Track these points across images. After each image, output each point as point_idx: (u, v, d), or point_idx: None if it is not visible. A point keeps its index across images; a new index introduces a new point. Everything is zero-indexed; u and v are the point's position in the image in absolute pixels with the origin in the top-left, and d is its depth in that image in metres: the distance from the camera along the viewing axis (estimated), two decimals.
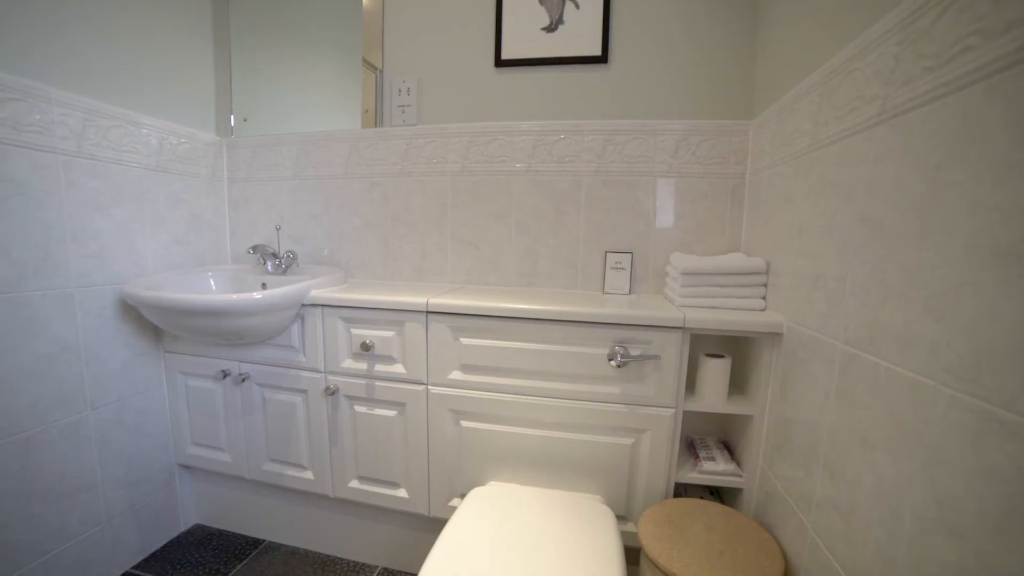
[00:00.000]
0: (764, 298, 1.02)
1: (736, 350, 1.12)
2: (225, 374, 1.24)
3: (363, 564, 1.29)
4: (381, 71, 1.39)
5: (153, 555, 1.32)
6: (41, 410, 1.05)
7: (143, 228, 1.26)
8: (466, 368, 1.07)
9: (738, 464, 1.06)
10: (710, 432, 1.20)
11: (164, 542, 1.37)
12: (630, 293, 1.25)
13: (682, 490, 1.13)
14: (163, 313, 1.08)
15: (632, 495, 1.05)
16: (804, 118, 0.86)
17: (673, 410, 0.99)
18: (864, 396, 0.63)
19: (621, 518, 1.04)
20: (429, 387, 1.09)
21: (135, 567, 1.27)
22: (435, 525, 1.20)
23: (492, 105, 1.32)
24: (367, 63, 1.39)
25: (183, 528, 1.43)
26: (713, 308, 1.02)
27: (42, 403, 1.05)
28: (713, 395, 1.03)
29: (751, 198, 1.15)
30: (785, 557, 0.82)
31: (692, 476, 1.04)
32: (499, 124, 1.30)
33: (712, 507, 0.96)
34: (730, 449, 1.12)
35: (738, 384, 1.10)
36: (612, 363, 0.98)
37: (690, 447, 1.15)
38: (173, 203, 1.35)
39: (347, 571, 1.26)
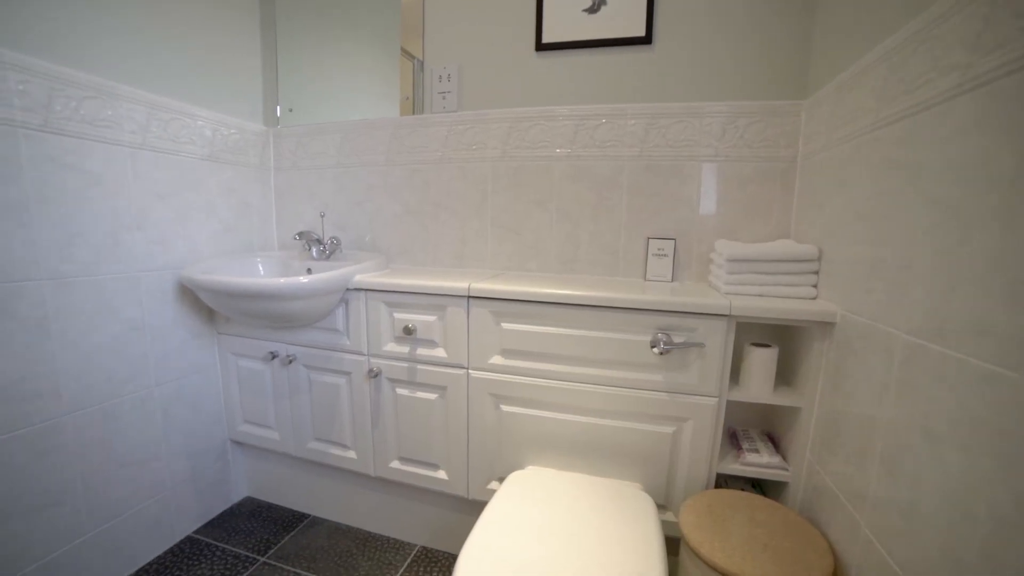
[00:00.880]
0: (815, 286, 0.98)
1: (783, 340, 1.08)
2: (273, 355, 1.30)
3: (403, 542, 1.34)
4: (418, 60, 1.40)
5: (210, 522, 1.41)
6: (116, 384, 1.14)
7: (198, 216, 1.33)
8: (507, 353, 1.08)
9: (783, 457, 1.03)
10: (753, 423, 1.17)
11: (220, 511, 1.46)
12: (672, 280, 1.23)
13: (723, 481, 1.11)
14: (217, 296, 1.14)
15: (672, 484, 1.04)
16: (867, 94, 0.81)
17: (716, 399, 0.97)
18: (929, 389, 0.60)
19: (660, 507, 1.04)
20: (470, 371, 1.11)
21: (196, 531, 1.37)
22: (473, 507, 1.23)
23: (533, 90, 1.30)
24: (405, 52, 1.41)
25: (236, 500, 1.51)
26: (760, 296, 0.99)
27: (116, 378, 1.14)
28: (759, 385, 1.01)
29: (803, 182, 1.10)
30: (835, 554, 0.80)
31: (734, 467, 1.02)
32: (540, 109, 1.29)
33: (756, 500, 0.94)
34: (774, 441, 1.09)
35: (785, 375, 1.07)
36: (654, 350, 0.97)
37: (732, 438, 1.12)
38: (225, 192, 1.41)
39: (387, 548, 1.31)
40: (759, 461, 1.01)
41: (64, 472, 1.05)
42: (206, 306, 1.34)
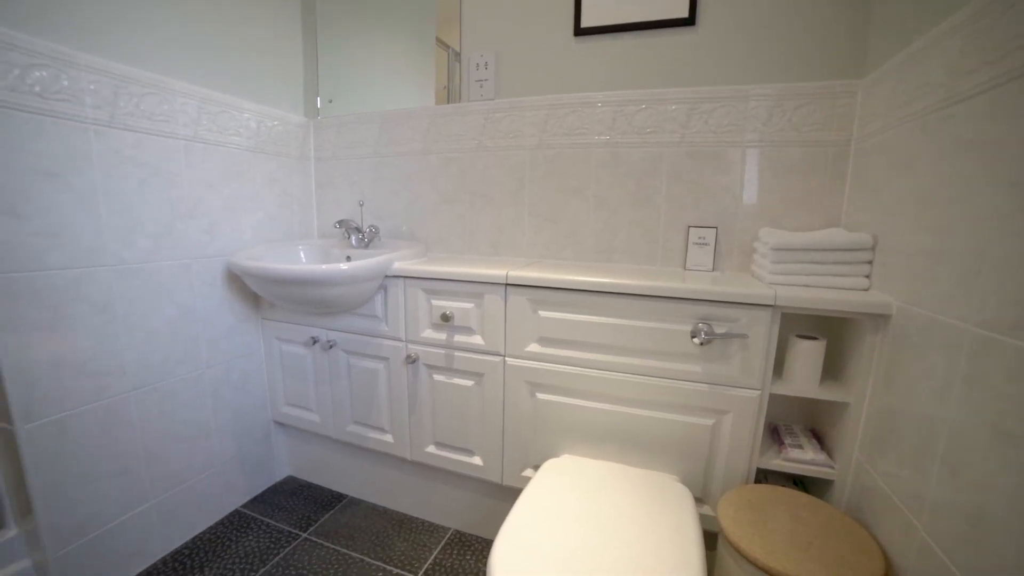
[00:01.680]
0: (868, 277, 0.93)
1: (831, 332, 1.04)
2: (314, 340, 1.34)
3: (437, 525, 1.37)
4: (453, 50, 1.40)
5: (256, 498, 1.48)
6: (171, 365, 1.20)
7: (244, 205, 1.38)
8: (544, 341, 1.08)
9: (828, 454, 0.99)
10: (796, 418, 1.13)
11: (264, 488, 1.53)
12: (713, 270, 1.19)
13: (762, 477, 1.08)
14: (262, 282, 1.18)
15: (710, 477, 1.02)
16: (937, 68, 0.75)
17: (758, 392, 0.94)
18: (1005, 386, 0.56)
19: (697, 500, 1.02)
20: (506, 359, 1.12)
21: (243, 506, 1.44)
22: (507, 493, 1.24)
23: (571, 76, 1.28)
24: (440, 42, 1.42)
25: (279, 478, 1.58)
26: (807, 287, 0.95)
27: (172, 359, 1.20)
28: (804, 379, 0.97)
29: (856, 166, 1.05)
30: (886, 557, 0.76)
31: (776, 463, 0.99)
32: (577, 96, 1.27)
33: (799, 497, 0.91)
34: (819, 438, 1.05)
35: (832, 369, 1.02)
36: (695, 340, 0.95)
37: (773, 433, 1.09)
38: (268, 182, 1.46)
39: (422, 530, 1.34)
40: (803, 457, 0.98)
41: (130, 444, 1.13)
42: (251, 292, 1.40)
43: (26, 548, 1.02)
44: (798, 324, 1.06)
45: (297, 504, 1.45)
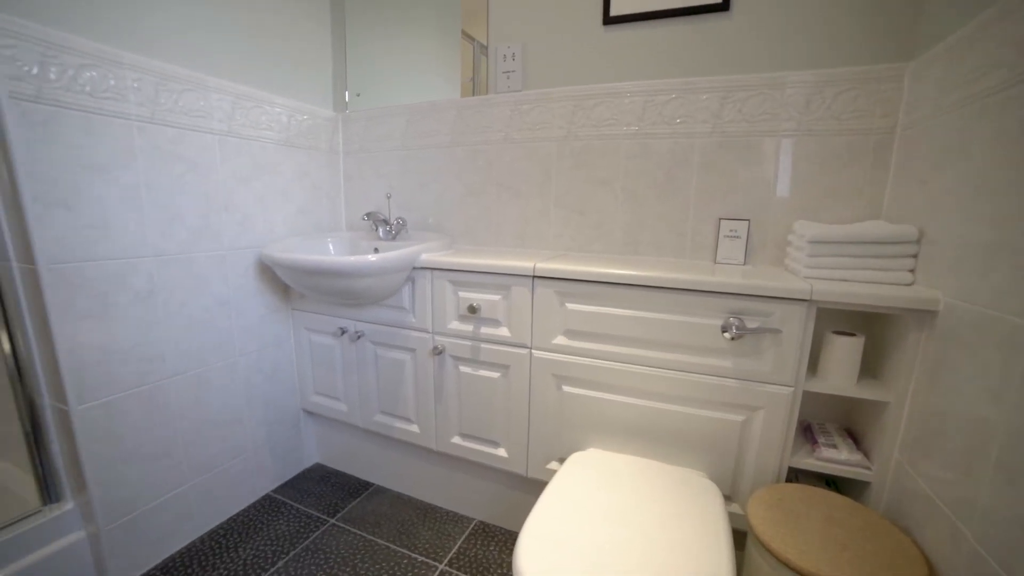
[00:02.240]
0: (912, 271, 0.89)
1: (870, 329, 1.00)
2: (343, 331, 1.37)
3: (461, 515, 1.38)
4: (478, 42, 1.40)
5: (285, 483, 1.53)
6: (207, 353, 1.25)
7: (276, 198, 1.41)
8: (571, 334, 1.08)
9: (865, 455, 0.96)
10: (830, 417, 1.10)
11: (293, 474, 1.57)
12: (745, 263, 1.16)
13: (793, 476, 1.05)
14: (293, 273, 1.21)
15: (739, 475, 1.00)
16: (1001, 46, 0.70)
17: (792, 389, 0.92)
18: None
19: (726, 498, 1.00)
20: (533, 351, 1.11)
21: (274, 491, 1.49)
22: (532, 486, 1.24)
23: (599, 66, 1.26)
24: (465, 35, 1.42)
25: (307, 465, 1.63)
26: (845, 281, 0.92)
27: (207, 347, 1.25)
28: (840, 376, 0.94)
29: (902, 155, 1.00)
30: (929, 563, 0.73)
31: (808, 462, 0.96)
32: (606, 86, 1.25)
33: (833, 497, 0.89)
34: (854, 437, 1.02)
35: (870, 366, 0.99)
36: (726, 335, 0.93)
37: (806, 431, 1.06)
38: (298, 175, 1.49)
39: (446, 520, 1.36)
40: (837, 457, 0.95)
41: (169, 428, 1.18)
42: (282, 284, 1.43)
43: (81, 521, 1.08)
44: (835, 320, 1.02)
45: (325, 490, 1.49)
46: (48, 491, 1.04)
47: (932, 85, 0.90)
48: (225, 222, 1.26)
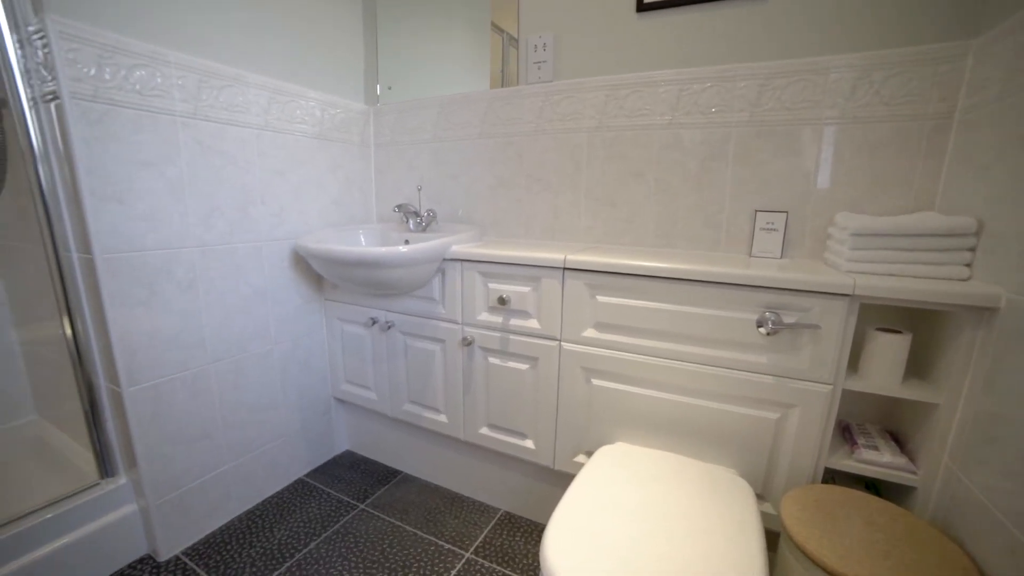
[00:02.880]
0: (968, 265, 0.84)
1: (917, 326, 0.95)
2: (374, 321, 1.40)
3: (488, 505, 1.40)
4: (508, 34, 1.39)
5: (317, 469, 1.58)
6: (245, 340, 1.30)
7: (310, 190, 1.45)
8: (601, 327, 1.07)
9: (910, 458, 0.91)
10: (871, 418, 1.06)
11: (324, 460, 1.62)
12: (781, 257, 1.12)
13: (829, 478, 1.02)
14: (326, 263, 1.24)
15: (772, 474, 0.97)
16: None
17: (830, 387, 0.89)
18: None
19: (758, 497, 0.98)
20: (562, 343, 1.11)
21: (306, 475, 1.54)
22: (558, 478, 1.25)
23: (632, 55, 1.24)
24: (495, 27, 1.41)
25: (338, 451, 1.67)
26: (891, 276, 0.87)
27: (246, 335, 1.30)
28: (884, 376, 0.90)
29: (960, 141, 0.94)
30: (982, 575, 0.70)
31: (846, 464, 0.93)
32: (639, 75, 1.22)
33: (874, 502, 0.85)
34: (897, 440, 0.98)
35: (917, 366, 0.94)
36: (761, 330, 0.90)
37: (844, 432, 1.02)
38: (332, 167, 1.52)
39: (473, 509, 1.38)
40: (879, 460, 0.91)
41: (210, 411, 1.23)
42: (315, 274, 1.47)
43: (133, 495, 1.16)
44: (879, 316, 0.98)
45: (355, 477, 1.53)
46: (105, 466, 1.12)
47: (999, 64, 0.83)
48: (262, 214, 1.30)
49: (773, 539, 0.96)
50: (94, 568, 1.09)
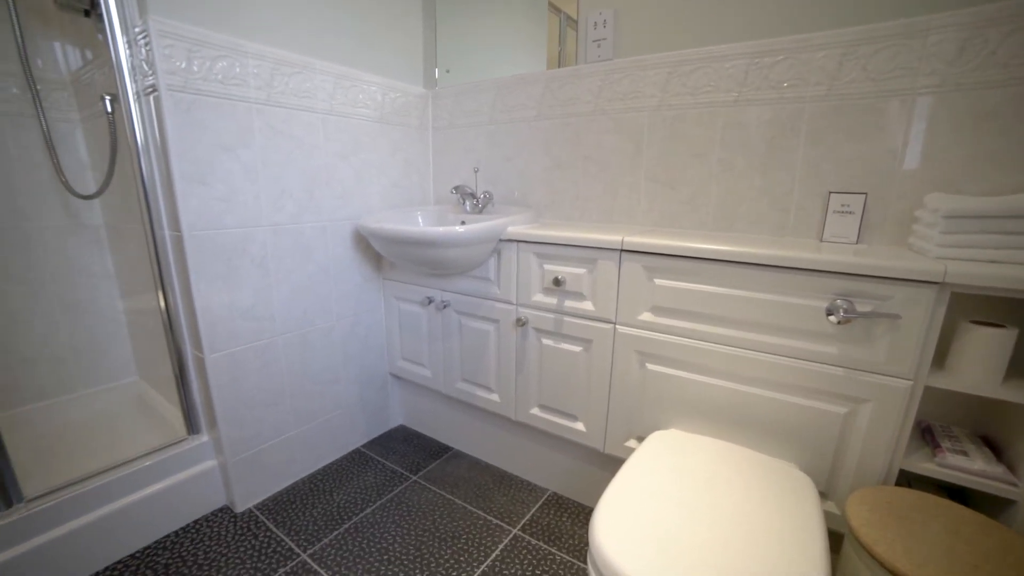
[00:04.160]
0: None
1: (1022, 320, 0.86)
2: (430, 300, 1.44)
3: (535, 485, 1.42)
4: (565, 14, 1.37)
5: (373, 440, 1.66)
6: (310, 316, 1.38)
7: (371, 173, 1.50)
8: (657, 310, 1.04)
9: (1009, 468, 0.83)
10: (959, 420, 0.97)
11: (379, 433, 1.70)
12: (857, 242, 1.04)
13: (905, 482, 0.95)
14: (387, 243, 1.28)
15: (836, 472, 0.92)
16: None
17: (910, 383, 0.82)
18: None
19: (820, 494, 0.93)
20: (617, 326, 1.10)
21: (363, 446, 1.63)
22: (608, 462, 1.24)
23: (697, 28, 1.17)
24: (551, 7, 1.39)
25: (392, 425, 1.75)
26: (993, 263, 0.79)
27: (311, 311, 1.38)
28: (979, 374, 0.81)
29: None
30: None
31: (927, 467, 0.86)
32: (704, 50, 1.16)
33: (959, 510, 0.78)
34: (992, 446, 0.89)
35: (1021, 365, 0.85)
36: (831, 318, 0.84)
37: (925, 433, 0.94)
38: (392, 151, 1.57)
39: (521, 488, 1.40)
40: (968, 467, 0.83)
41: (278, 381, 1.32)
42: (374, 254, 1.54)
43: (213, 452, 1.28)
44: (974, 307, 0.89)
45: (408, 450, 1.60)
46: (191, 423, 1.24)
47: None
48: (326, 195, 1.37)
49: (836, 541, 0.91)
50: (183, 512, 1.22)
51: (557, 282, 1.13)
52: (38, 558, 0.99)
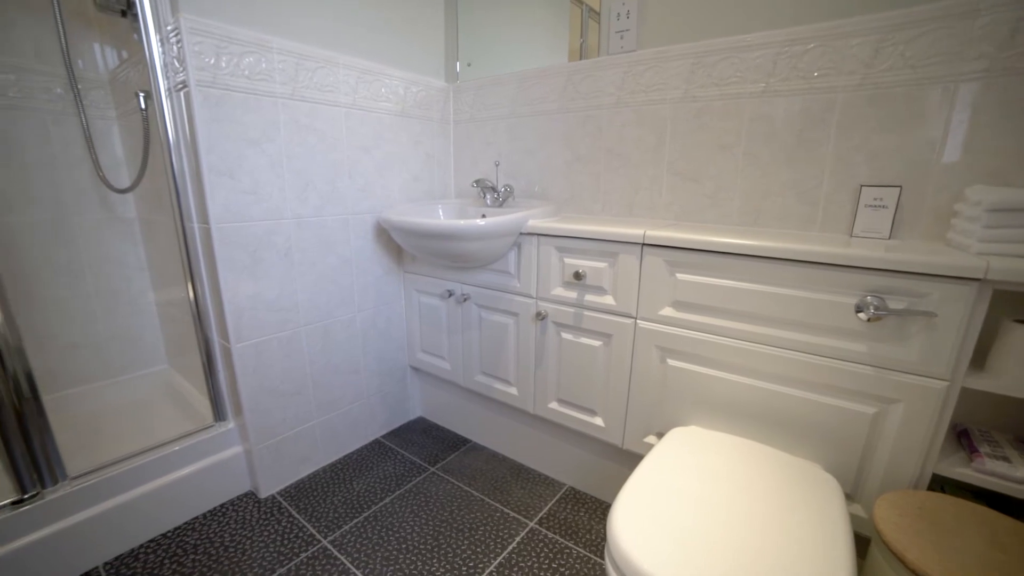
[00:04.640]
0: None
1: None
2: (450, 293, 1.45)
3: (552, 479, 1.42)
4: (588, 6, 1.35)
5: (392, 431, 1.69)
6: (332, 307, 1.40)
7: (392, 166, 1.51)
8: (679, 305, 1.03)
9: None
10: (1000, 424, 0.92)
11: (399, 424, 1.73)
12: (890, 237, 1.00)
13: (938, 487, 0.91)
14: (408, 235, 1.29)
15: (864, 474, 0.89)
16: None
17: (945, 384, 0.79)
18: None
19: (846, 496, 0.91)
20: (638, 321, 1.08)
21: (382, 436, 1.65)
22: (625, 458, 1.23)
23: (723, 17, 1.14)
24: None
25: (411, 417, 1.77)
26: None
27: (333, 302, 1.40)
28: (1023, 376, 0.78)
29: None
30: None
31: (963, 472, 0.82)
32: (730, 40, 1.13)
33: (1000, 519, 0.74)
34: None
35: None
36: (860, 315, 0.82)
37: (961, 437, 0.90)
38: (413, 144, 1.58)
39: (538, 482, 1.41)
40: (1011, 474, 0.79)
41: (301, 371, 1.35)
42: (395, 247, 1.55)
43: (239, 438, 1.32)
44: (1019, 306, 0.85)
45: (427, 442, 1.62)
46: (218, 411, 1.28)
47: None
48: (348, 188, 1.39)
49: (863, 545, 0.88)
50: (210, 495, 1.27)
51: (577, 276, 1.12)
52: (81, 533, 1.05)
